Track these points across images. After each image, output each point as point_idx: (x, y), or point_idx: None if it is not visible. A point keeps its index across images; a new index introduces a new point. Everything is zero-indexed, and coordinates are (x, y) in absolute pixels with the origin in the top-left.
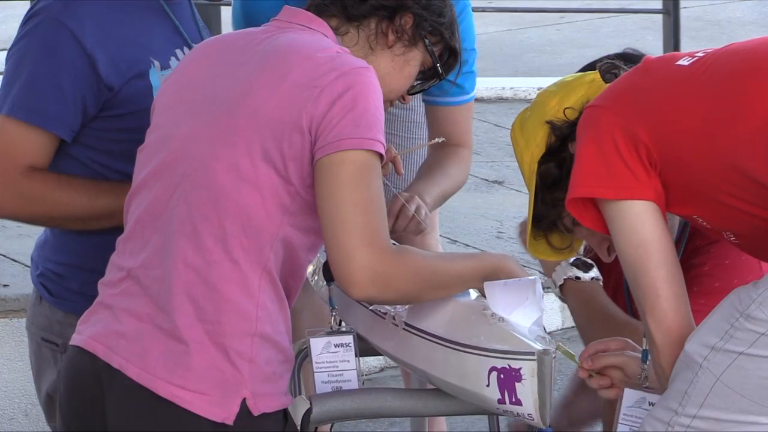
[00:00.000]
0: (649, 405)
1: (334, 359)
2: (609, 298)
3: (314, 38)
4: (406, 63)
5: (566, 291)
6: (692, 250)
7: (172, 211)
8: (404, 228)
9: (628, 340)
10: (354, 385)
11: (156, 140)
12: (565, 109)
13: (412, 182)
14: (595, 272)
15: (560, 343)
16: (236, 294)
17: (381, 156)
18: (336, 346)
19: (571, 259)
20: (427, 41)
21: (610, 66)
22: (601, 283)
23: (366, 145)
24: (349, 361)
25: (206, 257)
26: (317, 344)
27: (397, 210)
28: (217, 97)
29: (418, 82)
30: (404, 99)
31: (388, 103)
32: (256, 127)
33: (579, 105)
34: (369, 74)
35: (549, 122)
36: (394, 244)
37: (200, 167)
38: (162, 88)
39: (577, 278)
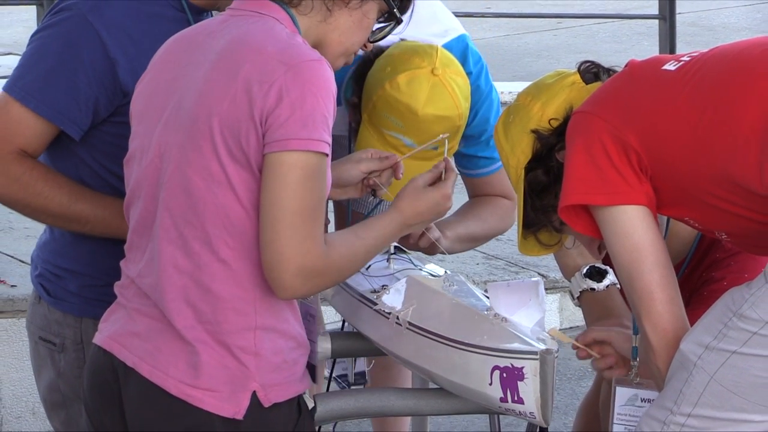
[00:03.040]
0: (642, 401)
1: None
2: (625, 306)
3: (265, 27)
4: (364, 15)
5: (582, 302)
6: (711, 262)
7: (158, 219)
8: (414, 245)
9: (624, 331)
10: (312, 358)
11: (136, 150)
12: (550, 119)
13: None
14: (610, 278)
15: (554, 329)
16: (230, 292)
17: (326, 154)
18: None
19: (585, 269)
20: None
21: (589, 66)
22: (618, 287)
23: (312, 146)
24: (311, 332)
25: (196, 261)
26: None
27: None
28: (182, 102)
29: (377, 27)
30: (366, 47)
31: (352, 54)
32: (217, 128)
33: (562, 111)
34: (318, 66)
35: (535, 132)
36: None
37: (175, 174)
38: (135, 94)
39: (592, 289)
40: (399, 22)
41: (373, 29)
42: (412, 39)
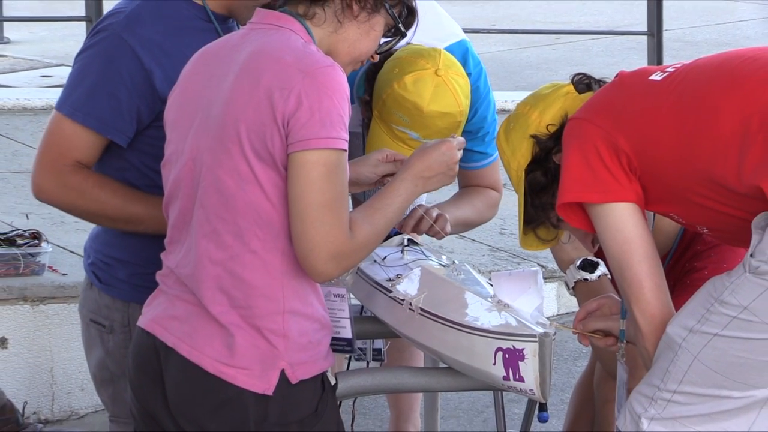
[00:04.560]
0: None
1: (332, 307)
2: (616, 295)
3: (282, 38)
4: (371, 28)
5: (577, 291)
6: (694, 254)
7: (195, 216)
8: (422, 232)
9: (612, 296)
10: (348, 333)
11: (171, 155)
12: (548, 125)
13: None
14: (602, 269)
15: (554, 321)
16: (260, 280)
17: (344, 150)
18: (335, 296)
19: (578, 262)
20: (387, 5)
21: (582, 77)
22: (609, 277)
23: (331, 144)
24: (344, 311)
25: (228, 252)
26: None
27: (414, 221)
28: (210, 109)
29: (384, 41)
30: (373, 58)
31: (360, 63)
32: (243, 132)
33: (558, 118)
34: (333, 72)
35: (534, 136)
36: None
37: (208, 175)
38: (167, 105)
39: (585, 280)
40: (403, 36)
41: (380, 42)
42: (417, 42)
